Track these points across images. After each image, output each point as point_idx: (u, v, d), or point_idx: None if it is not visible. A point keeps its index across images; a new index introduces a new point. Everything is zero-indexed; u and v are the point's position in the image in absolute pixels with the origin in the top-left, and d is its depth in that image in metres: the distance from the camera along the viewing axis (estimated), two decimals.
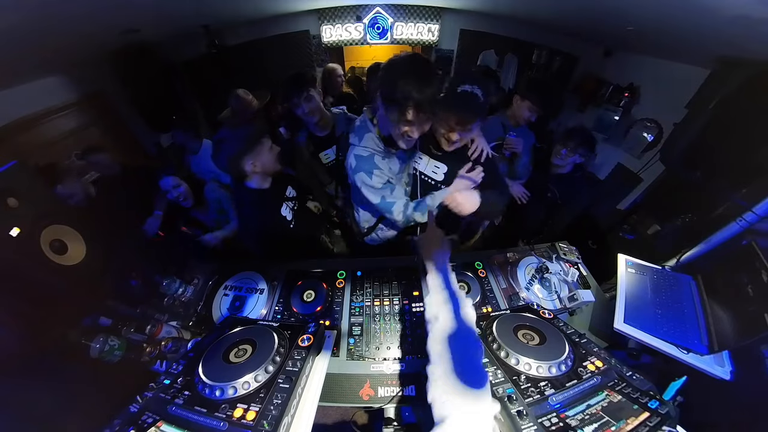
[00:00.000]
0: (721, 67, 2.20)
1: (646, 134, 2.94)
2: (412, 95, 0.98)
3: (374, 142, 1.28)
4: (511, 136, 1.95)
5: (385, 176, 1.31)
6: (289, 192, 1.68)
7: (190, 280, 1.46)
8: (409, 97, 0.99)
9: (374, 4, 3.95)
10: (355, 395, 1.04)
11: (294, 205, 1.69)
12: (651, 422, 0.64)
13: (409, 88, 0.97)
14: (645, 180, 2.98)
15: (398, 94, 0.99)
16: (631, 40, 2.89)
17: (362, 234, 1.64)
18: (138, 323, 1.22)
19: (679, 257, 1.55)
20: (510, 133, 1.96)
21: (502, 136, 1.97)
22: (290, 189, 1.70)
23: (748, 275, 1.13)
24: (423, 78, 0.99)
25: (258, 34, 4.04)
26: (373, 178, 1.28)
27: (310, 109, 1.81)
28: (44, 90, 2.51)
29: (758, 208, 1.29)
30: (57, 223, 1.21)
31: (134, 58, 2.94)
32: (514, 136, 1.95)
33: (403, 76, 0.99)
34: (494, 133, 1.98)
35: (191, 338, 1.25)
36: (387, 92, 1.03)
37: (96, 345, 1.07)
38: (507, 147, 1.96)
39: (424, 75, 1.00)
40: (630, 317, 1.22)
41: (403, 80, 0.98)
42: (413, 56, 1.08)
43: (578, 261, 1.50)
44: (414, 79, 0.98)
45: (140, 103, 3.28)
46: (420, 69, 1.02)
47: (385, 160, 1.31)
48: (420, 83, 0.98)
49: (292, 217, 1.64)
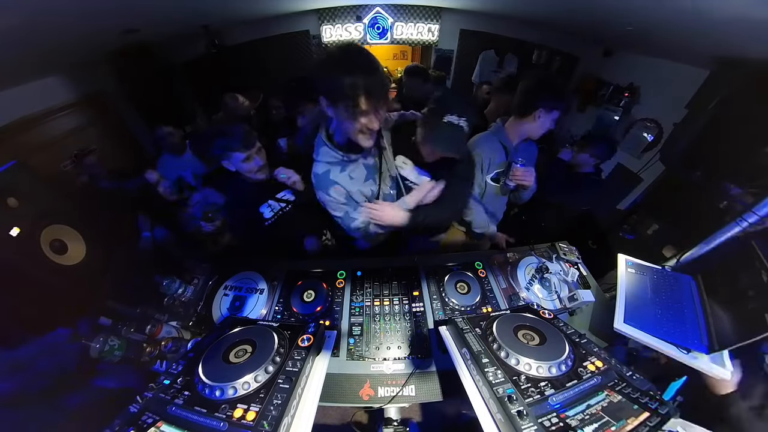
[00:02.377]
0: (721, 67, 2.21)
1: (646, 134, 2.94)
2: (359, 81, 0.91)
3: (329, 154, 1.23)
4: (519, 165, 1.49)
5: (344, 191, 1.28)
6: (283, 194, 1.64)
7: (190, 280, 1.45)
8: (356, 86, 0.92)
9: (374, 4, 3.95)
10: (355, 395, 1.04)
11: (284, 207, 1.65)
12: (651, 422, 0.64)
13: (355, 75, 0.91)
14: (645, 180, 2.98)
15: (344, 85, 0.92)
16: (631, 40, 2.89)
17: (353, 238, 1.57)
18: (138, 323, 1.22)
19: (679, 257, 1.55)
20: (517, 158, 1.51)
21: (504, 161, 1.56)
22: (287, 192, 1.65)
23: (748, 275, 1.13)
24: (364, 62, 0.94)
25: (258, 34, 4.05)
26: (331, 194, 1.27)
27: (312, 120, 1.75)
28: (44, 90, 2.51)
29: (758, 208, 1.29)
30: (57, 223, 1.21)
31: (134, 58, 2.94)
32: (523, 165, 1.49)
33: (343, 64, 0.93)
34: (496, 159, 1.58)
35: (191, 338, 1.25)
36: (331, 88, 0.96)
37: (96, 345, 1.07)
38: (515, 179, 1.50)
39: (364, 59, 0.95)
40: (630, 317, 1.22)
41: (343, 69, 0.92)
42: (346, 45, 1.00)
43: (578, 261, 1.50)
44: (354, 64, 0.93)
45: (140, 103, 3.28)
46: (356, 54, 0.96)
47: (345, 171, 1.26)
48: (363, 67, 0.93)
49: (272, 216, 1.61)
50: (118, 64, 2.96)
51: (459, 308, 1.27)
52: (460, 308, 1.27)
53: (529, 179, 1.51)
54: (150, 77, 3.15)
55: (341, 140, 1.22)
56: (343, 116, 1.02)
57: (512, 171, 1.50)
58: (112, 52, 2.78)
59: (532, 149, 1.70)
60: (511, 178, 1.52)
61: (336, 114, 1.04)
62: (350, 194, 1.29)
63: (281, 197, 1.65)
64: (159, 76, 3.25)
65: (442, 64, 4.51)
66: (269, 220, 1.61)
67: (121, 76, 3.07)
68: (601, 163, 2.09)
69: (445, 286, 1.34)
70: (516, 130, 1.55)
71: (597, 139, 1.91)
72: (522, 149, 1.61)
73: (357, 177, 1.30)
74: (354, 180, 1.29)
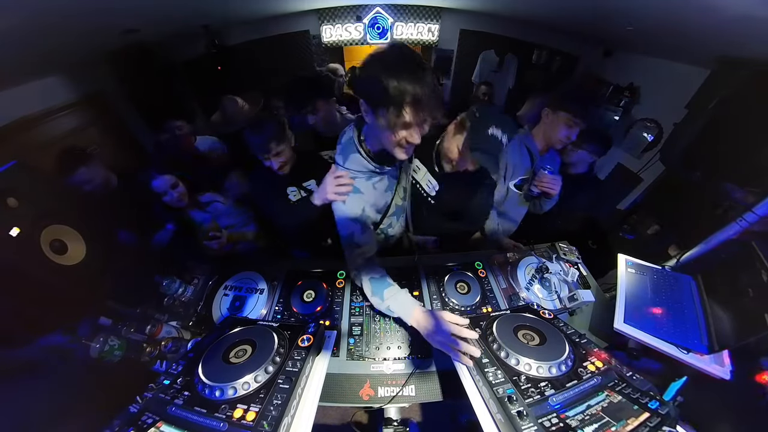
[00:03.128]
0: (721, 67, 2.20)
1: (646, 134, 2.94)
2: (408, 89, 0.81)
3: (361, 163, 1.13)
4: (548, 171, 1.46)
5: (363, 202, 1.16)
6: (309, 184, 1.64)
7: (190, 280, 1.46)
8: (404, 93, 0.81)
9: (374, 4, 3.95)
10: (355, 395, 1.04)
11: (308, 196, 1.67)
12: (651, 422, 0.64)
13: (403, 82, 0.80)
14: (645, 180, 2.98)
15: (390, 92, 0.81)
16: (631, 40, 2.89)
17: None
18: (138, 323, 1.22)
19: (679, 257, 1.55)
20: (545, 165, 1.49)
21: (530, 168, 1.52)
22: (313, 183, 1.64)
23: (748, 275, 1.13)
24: (415, 67, 0.83)
25: (258, 34, 4.05)
26: (348, 204, 1.15)
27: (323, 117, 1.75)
28: (44, 90, 2.51)
29: (758, 208, 1.30)
30: (57, 223, 1.20)
31: (134, 58, 2.94)
32: (552, 173, 1.46)
33: (392, 69, 0.82)
34: (521, 165, 1.54)
35: (191, 338, 1.25)
36: (375, 93, 0.85)
37: (96, 345, 1.07)
38: (541, 185, 1.47)
39: (416, 64, 0.84)
40: (630, 317, 1.22)
41: (392, 74, 0.81)
42: (396, 46, 0.88)
43: (578, 261, 1.51)
44: (405, 70, 0.82)
45: (140, 103, 3.28)
46: (409, 58, 0.85)
47: (371, 181, 1.17)
48: (414, 74, 0.81)
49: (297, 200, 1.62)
50: (118, 64, 2.96)
51: (459, 308, 1.27)
52: (460, 308, 1.27)
53: (555, 188, 1.47)
54: (150, 77, 3.15)
55: (373, 148, 1.11)
56: (383, 125, 0.90)
57: (538, 177, 1.47)
58: (112, 52, 2.78)
59: (556, 161, 1.67)
60: (536, 185, 1.49)
61: (374, 121, 0.93)
62: (365, 207, 1.17)
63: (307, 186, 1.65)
64: (159, 76, 3.25)
65: (442, 64, 4.51)
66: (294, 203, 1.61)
67: (121, 76, 3.07)
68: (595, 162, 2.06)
69: (445, 286, 1.34)
70: (540, 136, 1.54)
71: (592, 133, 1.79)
72: (547, 159, 1.59)
73: (380, 188, 1.20)
74: (376, 191, 1.19)
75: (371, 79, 0.84)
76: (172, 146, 1.98)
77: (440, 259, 1.48)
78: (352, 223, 1.15)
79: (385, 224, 1.38)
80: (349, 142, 1.14)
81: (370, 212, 1.20)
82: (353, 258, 1.16)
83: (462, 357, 0.85)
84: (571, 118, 1.41)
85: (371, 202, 1.19)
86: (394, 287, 1.10)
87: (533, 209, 1.74)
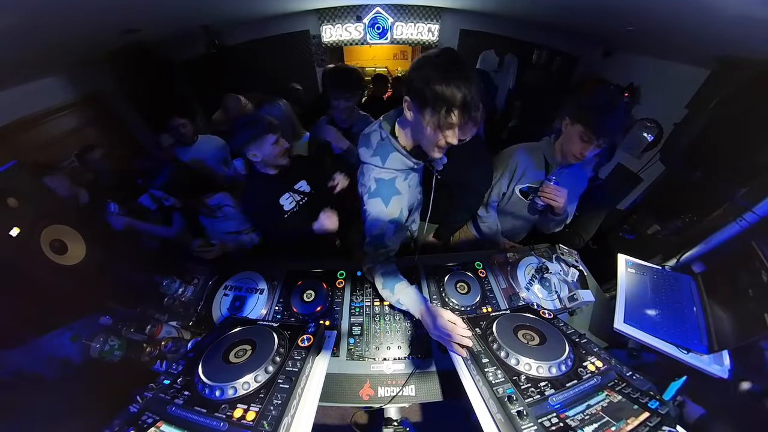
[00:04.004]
0: (721, 67, 2.20)
1: (646, 134, 2.93)
2: (459, 93, 0.83)
3: (402, 161, 1.11)
4: (552, 182, 1.39)
5: (402, 202, 1.16)
6: (300, 185, 1.70)
7: (190, 280, 1.45)
8: (455, 96, 0.83)
9: (374, 4, 3.95)
10: (355, 395, 1.04)
11: (301, 199, 1.70)
12: (651, 422, 0.64)
13: (457, 85, 0.83)
14: (645, 180, 2.98)
15: (444, 94, 0.84)
16: (631, 40, 2.89)
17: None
18: (138, 323, 1.22)
19: (679, 257, 1.55)
20: (551, 176, 1.41)
21: (543, 177, 1.47)
22: (303, 183, 1.71)
23: (748, 275, 1.13)
24: (467, 72, 0.86)
25: (258, 34, 4.05)
26: (390, 206, 1.13)
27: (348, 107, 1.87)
28: (44, 90, 2.51)
29: (758, 208, 1.29)
30: (57, 223, 1.21)
31: (134, 58, 2.94)
32: (556, 184, 1.38)
33: (446, 71, 0.84)
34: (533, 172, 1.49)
35: (191, 338, 1.25)
36: (427, 93, 0.86)
37: (96, 345, 1.07)
38: (544, 196, 1.39)
39: (468, 69, 0.87)
40: (630, 317, 1.22)
41: (447, 76, 0.83)
42: (450, 50, 0.91)
43: (577, 263, 1.50)
44: (459, 74, 0.84)
45: (140, 103, 3.28)
46: (462, 63, 0.88)
47: (407, 180, 1.16)
48: (467, 79, 0.84)
49: (292, 208, 1.66)
50: (118, 64, 2.96)
51: (459, 308, 1.27)
52: (460, 308, 1.27)
53: (558, 200, 1.36)
54: (150, 77, 3.15)
55: (408, 145, 1.11)
56: (428, 124, 0.92)
57: (542, 188, 1.40)
58: (112, 52, 2.78)
59: (581, 178, 1.55)
60: (540, 195, 1.41)
61: (419, 120, 0.94)
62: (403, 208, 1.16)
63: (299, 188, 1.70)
64: (159, 76, 3.25)
65: None
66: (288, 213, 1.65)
67: (121, 75, 3.07)
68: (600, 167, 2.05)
69: (445, 286, 1.34)
70: (558, 147, 1.44)
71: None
72: (569, 172, 1.47)
73: (413, 186, 1.20)
74: (410, 189, 1.19)
75: (425, 80, 0.86)
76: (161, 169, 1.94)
77: (440, 259, 1.48)
78: (387, 224, 1.15)
79: (409, 221, 1.37)
80: (385, 141, 1.11)
81: (406, 213, 1.21)
82: (376, 255, 1.18)
83: (456, 347, 0.90)
84: (585, 133, 1.25)
85: (408, 202, 1.19)
86: (404, 282, 1.14)
87: (539, 225, 1.67)
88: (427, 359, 1.11)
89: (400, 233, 1.20)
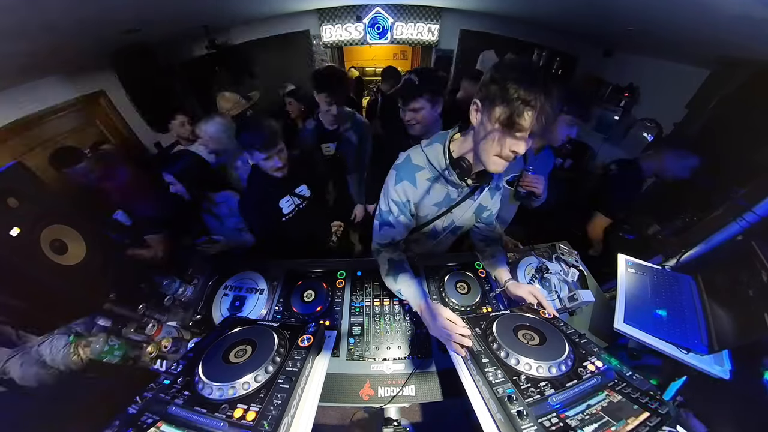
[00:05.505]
0: (721, 67, 2.21)
1: (646, 134, 2.94)
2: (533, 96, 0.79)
3: (437, 156, 1.07)
4: (530, 172, 1.52)
5: (405, 198, 1.13)
6: (300, 189, 1.70)
7: (190, 280, 1.46)
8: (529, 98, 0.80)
9: (374, 4, 3.96)
10: (355, 395, 1.04)
11: (301, 203, 1.69)
12: (651, 422, 0.64)
13: (539, 86, 0.80)
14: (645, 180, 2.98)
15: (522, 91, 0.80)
16: (631, 40, 2.89)
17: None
18: (138, 323, 1.23)
19: (679, 257, 1.55)
20: (528, 166, 1.55)
21: (523, 168, 1.58)
22: (304, 188, 1.71)
23: (748, 275, 1.13)
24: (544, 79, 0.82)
25: (258, 34, 4.05)
26: (393, 189, 1.13)
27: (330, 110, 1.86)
28: (44, 90, 2.51)
29: (758, 208, 1.29)
30: (57, 223, 1.20)
31: (134, 57, 2.94)
32: (534, 173, 1.52)
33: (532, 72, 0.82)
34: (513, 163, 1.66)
35: (191, 338, 1.25)
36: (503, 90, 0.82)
37: (96, 345, 1.07)
38: (525, 185, 1.54)
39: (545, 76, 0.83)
40: (630, 317, 1.22)
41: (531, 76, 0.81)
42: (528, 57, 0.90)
43: (577, 262, 1.50)
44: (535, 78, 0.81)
45: (140, 103, 3.28)
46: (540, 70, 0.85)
47: (432, 183, 1.12)
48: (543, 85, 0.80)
49: (291, 212, 1.66)
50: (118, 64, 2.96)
51: (459, 308, 1.27)
52: (460, 308, 1.27)
53: (538, 187, 1.51)
54: (150, 77, 3.14)
55: (458, 153, 1.06)
56: (495, 122, 0.86)
57: (523, 178, 1.54)
58: (113, 52, 2.78)
59: (549, 160, 1.72)
60: (521, 185, 1.55)
61: (484, 123, 0.90)
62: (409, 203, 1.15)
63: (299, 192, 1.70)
64: (159, 75, 3.25)
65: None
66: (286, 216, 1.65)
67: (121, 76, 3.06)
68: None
69: (445, 286, 1.34)
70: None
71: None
72: (540, 158, 1.66)
73: (432, 196, 1.16)
74: (429, 196, 1.15)
75: (504, 78, 0.82)
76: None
77: (440, 259, 1.48)
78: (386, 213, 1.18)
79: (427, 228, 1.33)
80: (443, 135, 1.10)
81: (413, 207, 1.19)
82: (382, 235, 1.21)
83: (455, 347, 0.90)
84: (574, 120, 1.47)
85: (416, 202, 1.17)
86: (408, 274, 1.15)
87: (525, 205, 1.79)
88: (427, 359, 1.11)
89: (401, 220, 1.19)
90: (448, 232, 1.32)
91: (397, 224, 1.19)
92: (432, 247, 1.43)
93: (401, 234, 1.22)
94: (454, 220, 1.26)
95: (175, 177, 1.59)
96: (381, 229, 1.21)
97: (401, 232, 1.21)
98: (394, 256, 1.20)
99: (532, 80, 0.80)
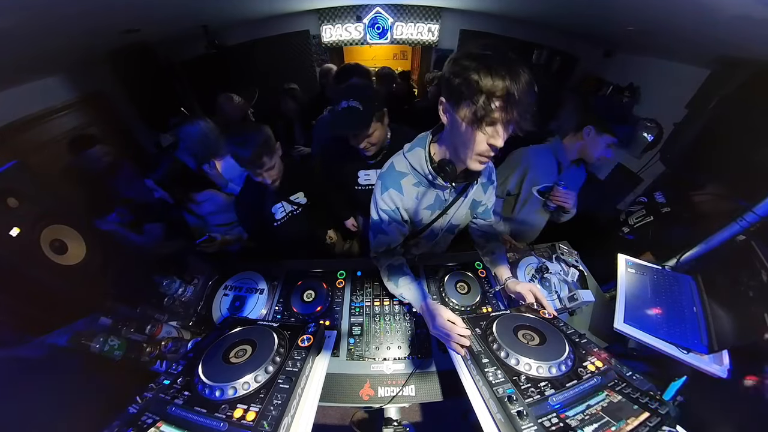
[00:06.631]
0: (721, 67, 2.20)
1: (646, 134, 2.93)
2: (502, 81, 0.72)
3: (419, 161, 1.04)
4: (562, 187, 1.51)
5: (394, 206, 1.12)
6: (296, 197, 1.68)
7: (190, 280, 1.46)
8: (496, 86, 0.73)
9: (374, 4, 3.95)
10: (355, 395, 1.04)
11: (295, 209, 1.68)
12: (651, 422, 0.64)
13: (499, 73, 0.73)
14: (645, 180, 2.98)
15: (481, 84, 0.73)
16: (631, 40, 2.89)
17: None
18: (138, 323, 1.22)
19: (679, 257, 1.55)
20: (559, 180, 1.53)
21: (556, 177, 1.56)
22: (300, 196, 1.69)
23: (748, 275, 1.13)
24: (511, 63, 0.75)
25: (258, 34, 4.04)
26: (380, 199, 1.12)
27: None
28: (44, 90, 2.51)
29: (758, 208, 1.29)
30: (57, 223, 1.20)
31: (134, 57, 2.94)
32: (565, 188, 1.50)
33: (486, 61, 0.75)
34: (547, 174, 1.57)
35: (191, 338, 1.25)
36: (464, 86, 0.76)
37: (96, 345, 1.07)
38: (554, 200, 1.53)
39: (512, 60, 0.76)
40: (630, 317, 1.22)
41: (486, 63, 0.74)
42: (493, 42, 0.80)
43: (577, 262, 1.50)
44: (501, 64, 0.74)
45: (140, 103, 3.28)
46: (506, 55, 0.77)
47: (419, 188, 1.10)
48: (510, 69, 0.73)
49: (283, 218, 1.65)
50: (118, 64, 2.96)
51: (459, 308, 1.27)
52: (460, 308, 1.27)
53: (568, 202, 1.52)
54: (150, 77, 3.14)
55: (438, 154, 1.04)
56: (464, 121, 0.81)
57: (553, 192, 1.54)
58: (112, 52, 2.78)
59: (581, 174, 1.70)
60: (551, 198, 1.55)
61: (455, 123, 0.85)
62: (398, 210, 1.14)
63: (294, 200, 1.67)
64: (159, 75, 3.25)
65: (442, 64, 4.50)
66: (279, 221, 1.64)
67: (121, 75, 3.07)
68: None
69: (445, 286, 1.34)
70: (575, 150, 1.55)
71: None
72: (573, 171, 1.63)
73: (422, 201, 1.13)
74: (418, 201, 1.13)
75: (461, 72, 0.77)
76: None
77: (440, 259, 1.48)
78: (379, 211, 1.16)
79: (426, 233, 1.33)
80: (423, 138, 1.07)
81: (404, 213, 1.17)
82: (377, 243, 1.22)
83: (455, 346, 0.91)
84: (615, 143, 1.47)
85: (408, 208, 1.16)
86: (408, 277, 1.16)
87: (552, 219, 1.78)
88: (427, 359, 1.11)
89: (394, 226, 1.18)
90: (446, 231, 1.32)
91: (390, 231, 1.19)
92: (431, 247, 1.43)
93: (396, 240, 1.22)
94: (451, 220, 1.26)
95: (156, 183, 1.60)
96: (375, 237, 1.21)
97: (395, 239, 1.21)
98: (393, 261, 1.21)
99: (494, 68, 0.73)
